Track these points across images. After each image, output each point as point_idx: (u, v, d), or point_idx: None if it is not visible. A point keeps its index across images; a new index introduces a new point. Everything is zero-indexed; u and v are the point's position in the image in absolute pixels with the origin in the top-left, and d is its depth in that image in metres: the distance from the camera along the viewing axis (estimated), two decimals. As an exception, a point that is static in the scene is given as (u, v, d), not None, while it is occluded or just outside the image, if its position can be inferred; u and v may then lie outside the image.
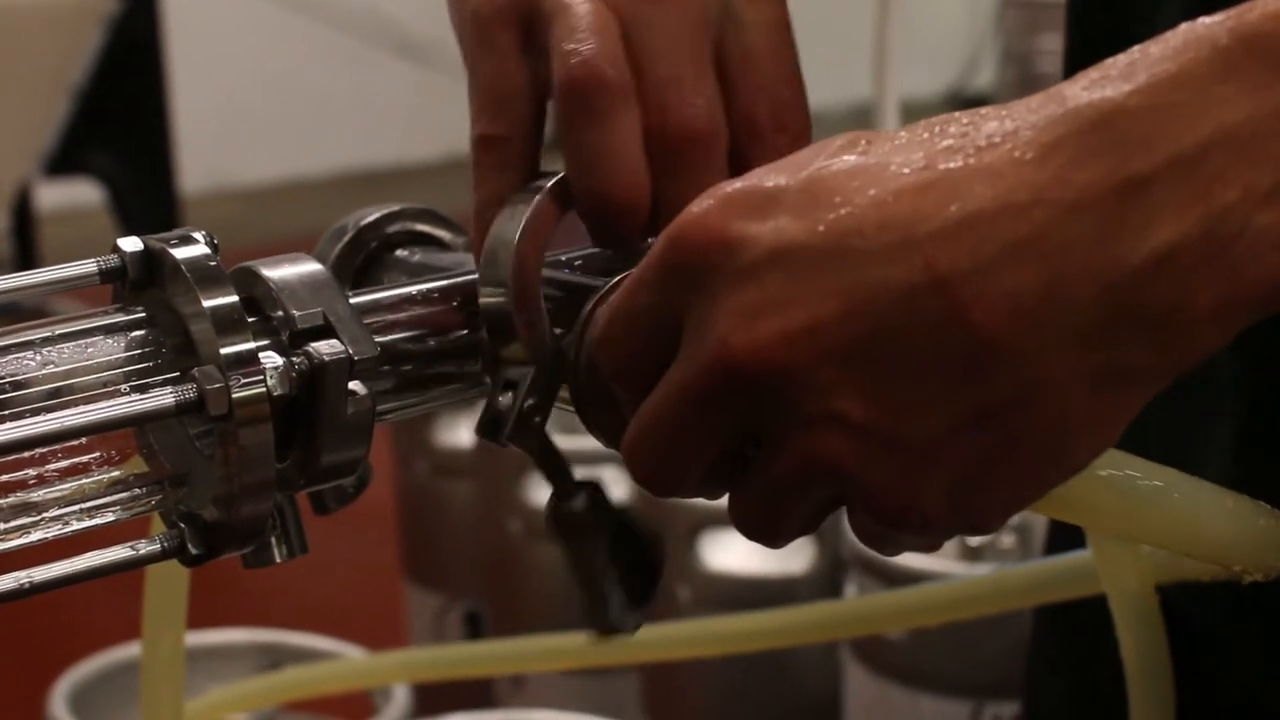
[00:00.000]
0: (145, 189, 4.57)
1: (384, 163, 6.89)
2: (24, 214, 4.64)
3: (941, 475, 0.54)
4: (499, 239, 0.64)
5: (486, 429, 0.63)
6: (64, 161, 4.43)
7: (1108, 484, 0.61)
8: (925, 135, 0.54)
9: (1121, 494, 0.62)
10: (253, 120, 6.61)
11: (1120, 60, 0.53)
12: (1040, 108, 0.53)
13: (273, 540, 0.62)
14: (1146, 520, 0.63)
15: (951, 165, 0.52)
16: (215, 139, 6.33)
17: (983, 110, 0.54)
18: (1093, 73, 0.53)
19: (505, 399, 0.63)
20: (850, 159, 0.54)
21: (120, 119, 4.48)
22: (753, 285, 0.53)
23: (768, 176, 0.55)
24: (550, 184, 0.64)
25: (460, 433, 2.32)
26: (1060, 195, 0.51)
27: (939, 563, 1.80)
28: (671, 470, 0.58)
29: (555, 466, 0.65)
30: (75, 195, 5.11)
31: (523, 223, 0.63)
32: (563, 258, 0.67)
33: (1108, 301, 0.51)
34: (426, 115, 7.02)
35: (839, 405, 0.53)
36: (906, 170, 0.53)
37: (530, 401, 0.62)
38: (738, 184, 0.55)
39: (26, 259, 4.61)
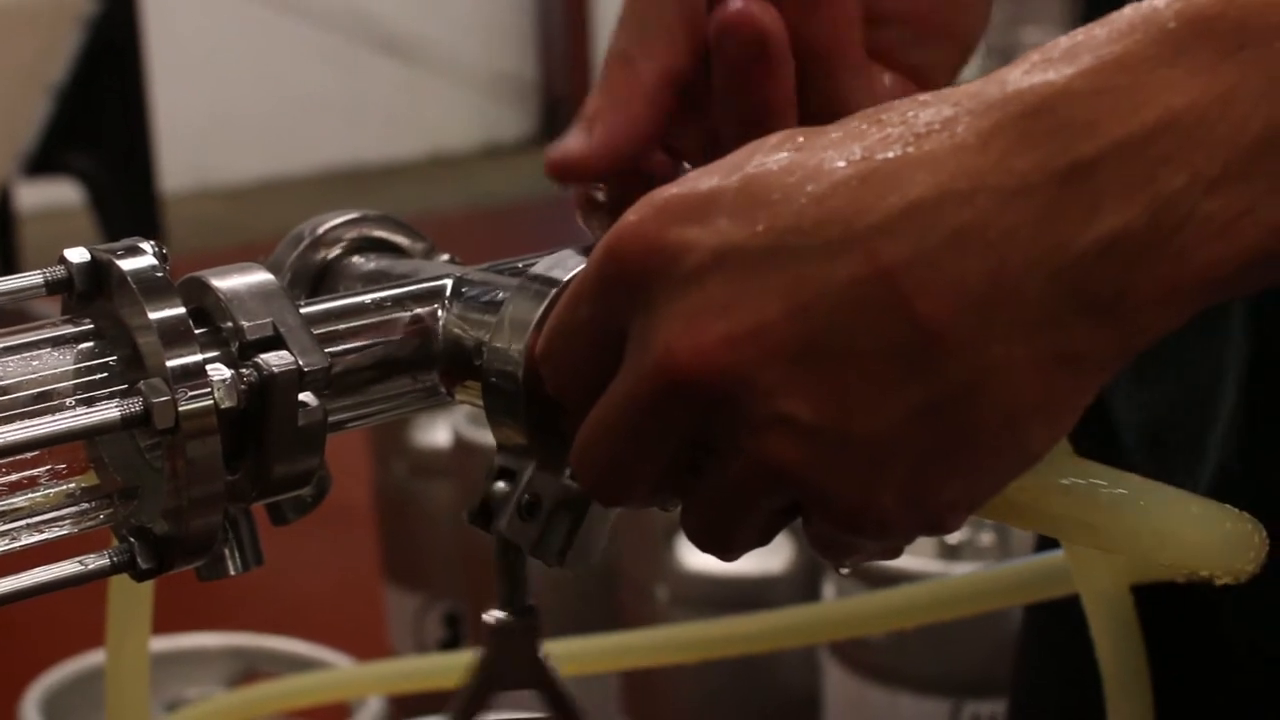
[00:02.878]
0: (126, 189, 4.55)
1: (367, 160, 6.89)
2: (4, 214, 4.63)
3: (896, 472, 0.53)
4: (517, 318, 0.61)
5: (478, 517, 0.63)
6: (44, 162, 4.41)
7: (1071, 493, 0.60)
8: (863, 126, 0.53)
9: (1086, 504, 0.61)
10: (235, 119, 6.60)
11: (1063, 43, 0.52)
12: (980, 93, 0.52)
13: (226, 552, 0.62)
14: (1112, 530, 0.62)
15: (890, 155, 0.51)
16: (197, 138, 6.31)
17: (922, 97, 0.53)
18: (1035, 56, 0.52)
19: (500, 487, 0.62)
20: (785, 156, 0.53)
21: (100, 119, 4.47)
22: (695, 290, 0.53)
23: (702, 179, 0.54)
24: (572, 274, 0.61)
25: (438, 432, 2.31)
26: (1002, 181, 0.50)
27: (918, 561, 1.79)
28: (620, 479, 0.57)
29: (518, 577, 0.65)
30: (56, 195, 5.09)
31: (538, 314, 0.60)
32: (519, 264, 0.66)
33: (1053, 288, 0.50)
34: (410, 113, 7.01)
35: (787, 407, 0.52)
36: (843, 163, 0.52)
37: (528, 497, 0.61)
38: (672, 189, 0.54)
39: (7, 260, 4.60)
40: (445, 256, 0.74)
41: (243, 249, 0.62)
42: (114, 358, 0.59)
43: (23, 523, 0.59)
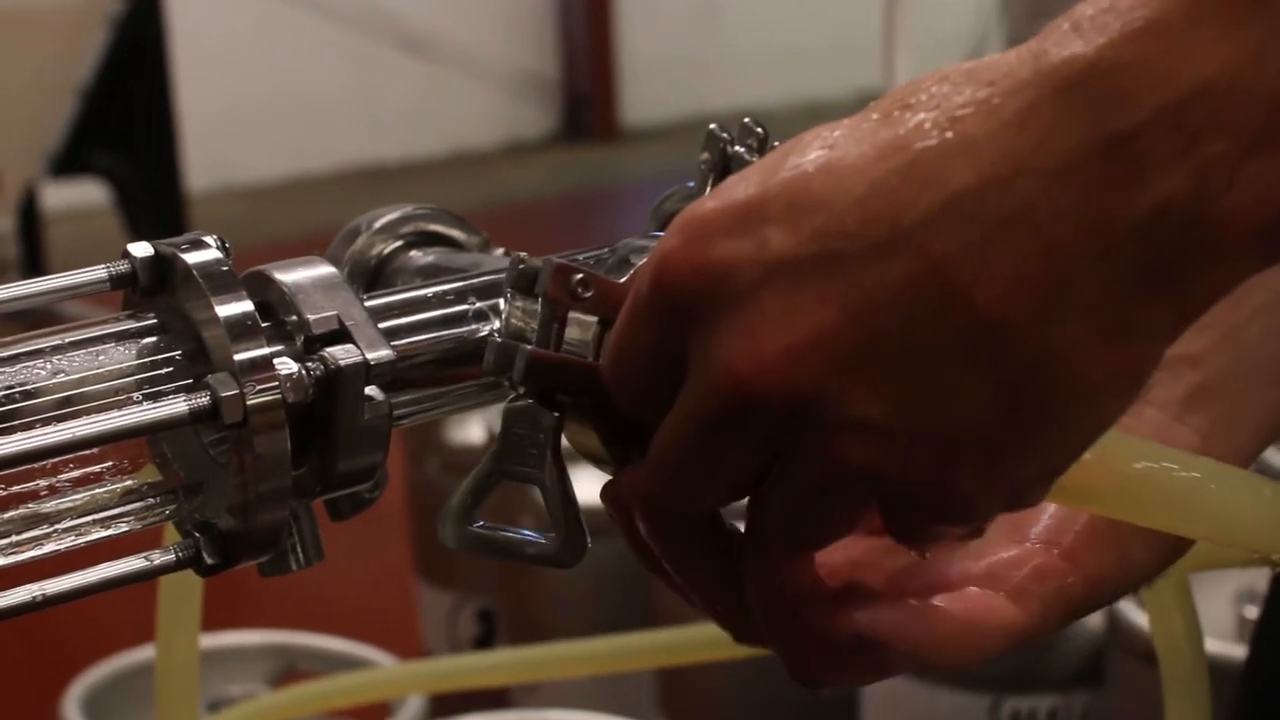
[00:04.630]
0: (151, 188, 4.56)
1: (390, 158, 6.89)
2: (31, 215, 4.64)
3: (973, 459, 0.53)
4: None
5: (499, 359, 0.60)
6: (70, 162, 4.43)
7: (1146, 478, 0.60)
8: (895, 113, 0.52)
9: (1160, 487, 0.61)
10: (258, 118, 6.61)
11: (1090, 8, 0.51)
12: (1012, 70, 0.51)
13: (289, 548, 0.61)
14: (1186, 512, 0.62)
15: (928, 143, 0.51)
16: (221, 137, 6.33)
17: (951, 75, 0.52)
18: (1065, 24, 0.51)
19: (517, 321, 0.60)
20: (820, 155, 0.52)
21: (126, 118, 4.48)
22: (750, 306, 0.52)
23: (738, 187, 0.53)
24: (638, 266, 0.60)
25: (471, 430, 2.31)
26: (1043, 163, 0.50)
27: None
28: (692, 492, 0.57)
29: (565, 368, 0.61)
30: (81, 195, 5.11)
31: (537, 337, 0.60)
32: (580, 256, 0.66)
33: (1106, 265, 0.50)
34: (431, 111, 7.02)
35: (858, 411, 0.52)
36: (881, 157, 0.51)
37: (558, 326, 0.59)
38: (710, 203, 0.53)
39: (34, 260, 4.60)
40: (500, 250, 0.74)
41: (268, 248, 0.62)
42: (179, 352, 0.58)
43: (89, 518, 0.59)
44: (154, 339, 0.59)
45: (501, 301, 0.64)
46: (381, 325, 0.60)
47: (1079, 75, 0.50)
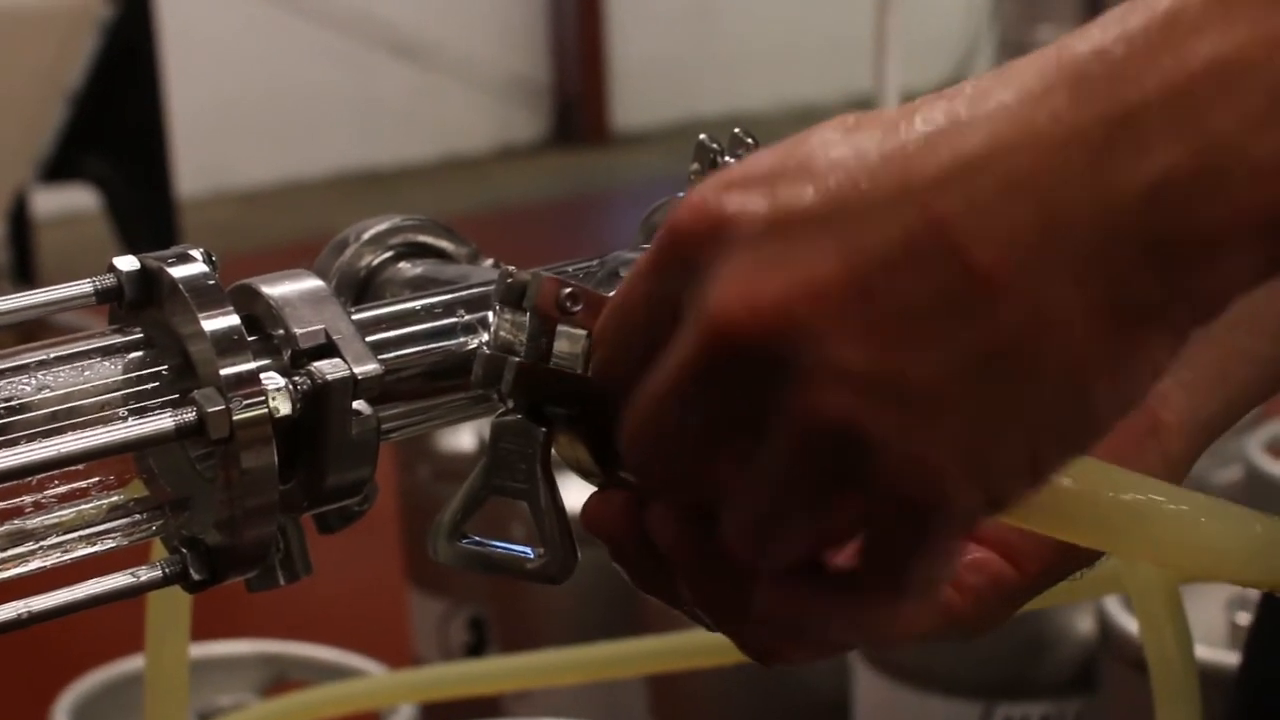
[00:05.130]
0: (142, 193, 4.55)
1: (381, 163, 6.89)
2: (21, 221, 4.64)
3: (954, 425, 0.52)
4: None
5: (488, 373, 0.60)
6: (61, 167, 4.42)
7: (1133, 509, 0.60)
8: (917, 103, 0.54)
9: (1148, 520, 0.60)
10: (249, 122, 6.61)
11: (1116, 10, 0.52)
12: (1032, 62, 0.53)
13: (276, 563, 0.61)
14: (1175, 545, 0.61)
15: (947, 119, 0.53)
16: (212, 142, 6.32)
17: (974, 79, 0.54)
18: (1090, 24, 0.53)
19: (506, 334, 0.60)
20: (839, 134, 0.54)
21: (116, 124, 4.47)
22: (748, 253, 0.53)
23: (761, 159, 0.55)
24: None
25: (462, 437, 2.31)
26: (1052, 131, 0.51)
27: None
28: (666, 455, 0.56)
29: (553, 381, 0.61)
30: (72, 201, 5.10)
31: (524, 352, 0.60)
32: (569, 268, 0.65)
33: (1104, 231, 0.50)
34: (423, 115, 7.02)
35: (840, 354, 0.52)
36: (898, 131, 0.53)
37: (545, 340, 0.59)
38: (735, 168, 0.55)
39: (24, 266, 4.60)
40: (489, 261, 0.74)
41: (260, 252, 0.61)
42: (165, 367, 0.58)
43: (75, 535, 0.58)
44: (140, 354, 0.58)
45: (490, 314, 0.64)
46: (369, 338, 0.60)
47: (1095, 57, 0.51)
